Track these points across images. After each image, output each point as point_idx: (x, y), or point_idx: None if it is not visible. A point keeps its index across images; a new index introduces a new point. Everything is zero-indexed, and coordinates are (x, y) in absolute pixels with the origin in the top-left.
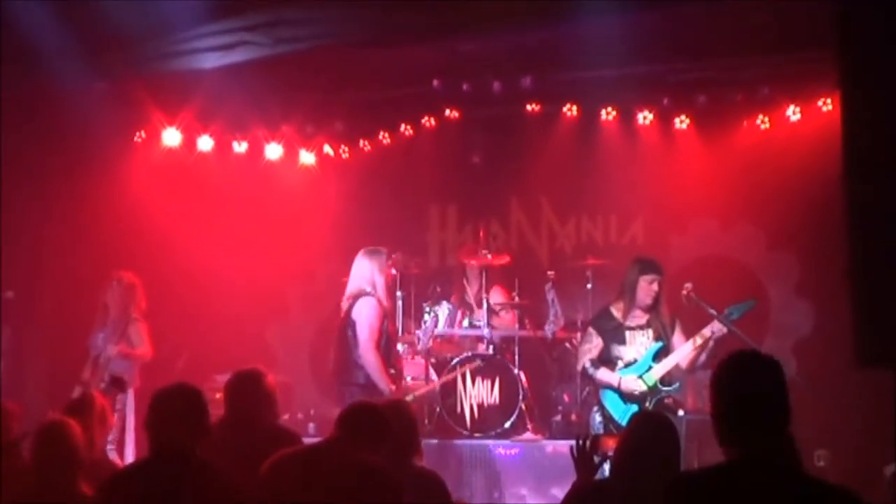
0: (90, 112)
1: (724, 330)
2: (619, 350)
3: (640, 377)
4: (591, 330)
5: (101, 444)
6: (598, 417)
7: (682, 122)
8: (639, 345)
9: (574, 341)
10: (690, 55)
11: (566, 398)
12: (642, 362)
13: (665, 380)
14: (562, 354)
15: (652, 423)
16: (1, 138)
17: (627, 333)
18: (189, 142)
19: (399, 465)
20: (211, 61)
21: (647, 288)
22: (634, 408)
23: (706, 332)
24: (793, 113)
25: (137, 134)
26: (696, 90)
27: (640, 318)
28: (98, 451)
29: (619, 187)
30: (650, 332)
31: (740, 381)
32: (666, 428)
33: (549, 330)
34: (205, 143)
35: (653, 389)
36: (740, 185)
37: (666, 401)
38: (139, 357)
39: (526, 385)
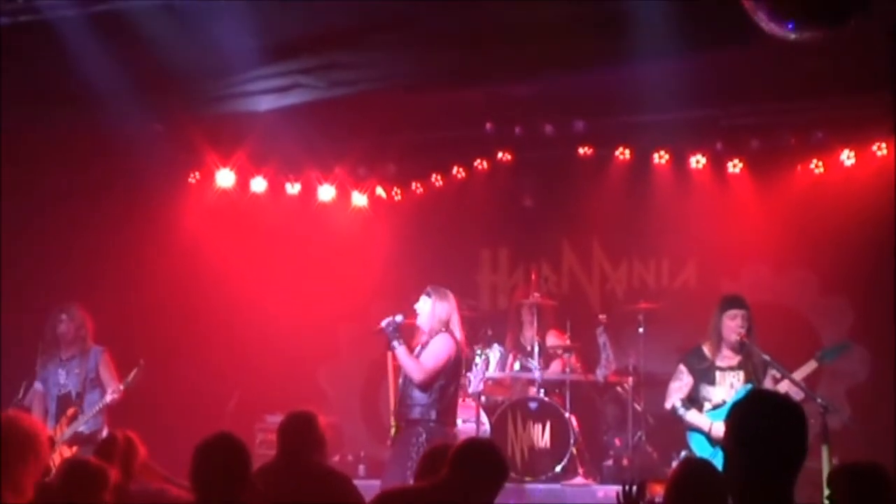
0: (146, 153)
1: (809, 371)
2: (707, 390)
3: None
4: (681, 367)
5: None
6: None
7: (735, 167)
8: (728, 386)
9: (626, 385)
10: (744, 99)
11: (617, 442)
12: (731, 405)
13: None
14: (613, 398)
15: (698, 470)
16: (58, 179)
17: (718, 374)
18: (243, 183)
19: None
20: (265, 104)
21: (730, 324)
22: (720, 452)
23: (797, 375)
24: (847, 157)
25: (192, 175)
26: (749, 134)
27: (731, 358)
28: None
29: (672, 231)
30: (741, 373)
31: (763, 427)
32: (712, 475)
33: (600, 374)
34: (258, 184)
35: None
36: (793, 230)
37: None
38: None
39: (577, 429)
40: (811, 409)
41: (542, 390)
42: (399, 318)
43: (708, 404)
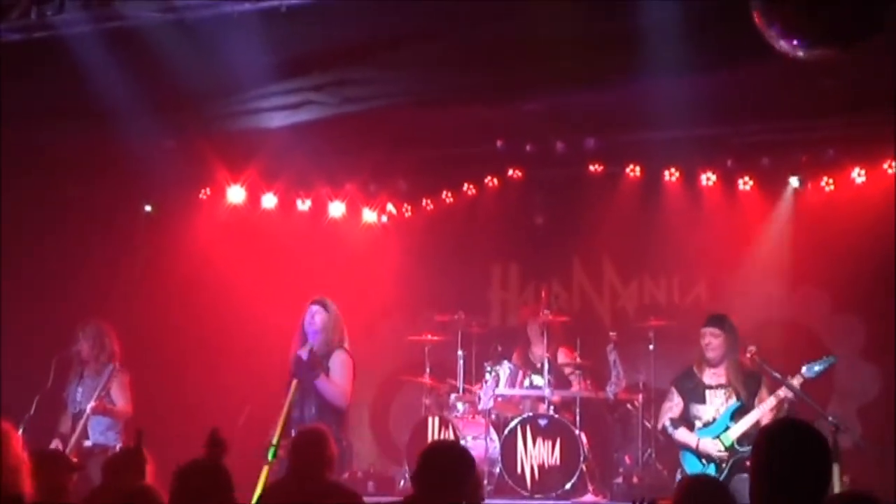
0: (157, 169)
1: (796, 385)
2: (697, 409)
3: (718, 437)
4: (672, 389)
5: None
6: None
7: (745, 184)
8: (717, 404)
9: (636, 402)
10: (755, 117)
11: (627, 460)
12: (720, 422)
13: (742, 440)
14: (623, 416)
15: (702, 487)
16: (70, 195)
17: (707, 392)
18: (253, 199)
19: None
20: (277, 120)
21: (700, 343)
22: (712, 468)
23: (780, 393)
24: (858, 175)
25: (203, 191)
26: (760, 151)
27: (719, 376)
28: None
29: (683, 248)
30: (730, 390)
31: (785, 456)
32: (717, 491)
33: (610, 391)
34: (269, 200)
35: (730, 450)
36: (804, 248)
37: (746, 462)
38: (119, 416)
39: (587, 446)
40: (822, 428)
41: (552, 407)
42: (315, 346)
43: (698, 422)
